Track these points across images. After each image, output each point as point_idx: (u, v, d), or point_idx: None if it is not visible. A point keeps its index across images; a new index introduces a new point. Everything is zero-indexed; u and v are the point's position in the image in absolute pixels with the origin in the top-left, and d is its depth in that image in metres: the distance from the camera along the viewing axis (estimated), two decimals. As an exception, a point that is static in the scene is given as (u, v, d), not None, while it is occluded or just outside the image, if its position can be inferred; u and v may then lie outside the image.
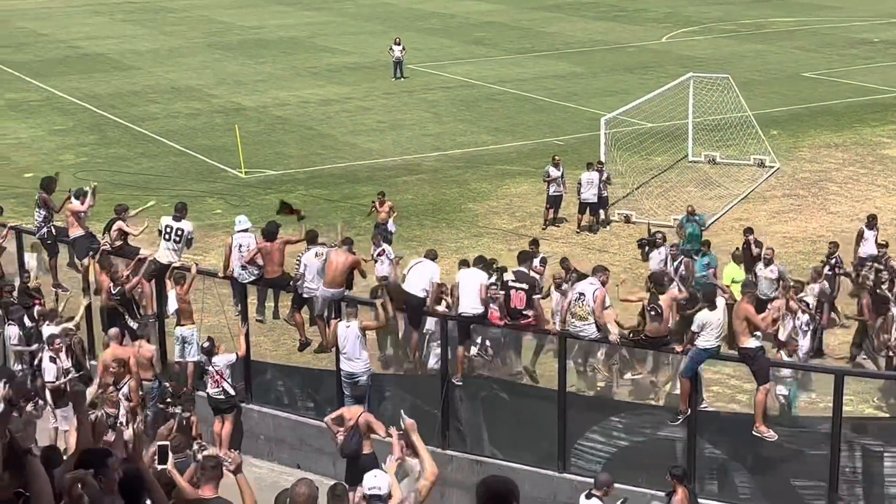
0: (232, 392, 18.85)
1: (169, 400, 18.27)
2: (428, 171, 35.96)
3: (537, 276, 19.93)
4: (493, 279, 18.48)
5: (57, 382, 18.80)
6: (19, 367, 19.99)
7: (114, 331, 19.05)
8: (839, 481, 16.01)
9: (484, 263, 19.04)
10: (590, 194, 29.74)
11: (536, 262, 23.18)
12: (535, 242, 24.56)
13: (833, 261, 23.73)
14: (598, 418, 18.21)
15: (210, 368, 18.74)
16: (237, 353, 19.18)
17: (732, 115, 36.24)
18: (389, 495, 10.11)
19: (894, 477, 16.29)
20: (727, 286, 22.08)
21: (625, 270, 25.17)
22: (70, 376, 18.86)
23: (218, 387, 18.65)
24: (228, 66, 53.84)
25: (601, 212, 30.39)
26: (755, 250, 24.00)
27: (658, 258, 24.10)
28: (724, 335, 16.96)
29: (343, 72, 52.24)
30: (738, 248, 24.17)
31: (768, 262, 23.13)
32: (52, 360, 18.87)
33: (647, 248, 25.87)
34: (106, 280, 19.95)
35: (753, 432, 16.37)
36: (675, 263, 23.63)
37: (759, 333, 16.24)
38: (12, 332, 20.00)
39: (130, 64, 54.84)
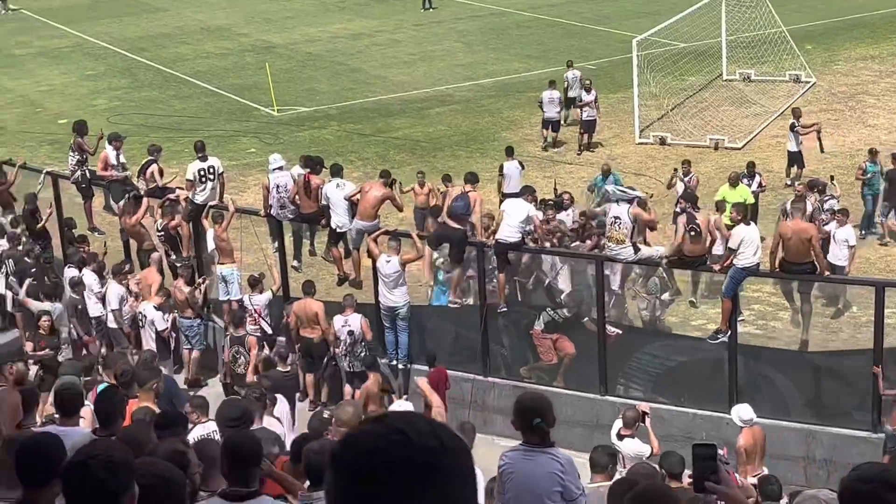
0: (269, 330, 18.93)
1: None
2: (460, 102, 35.77)
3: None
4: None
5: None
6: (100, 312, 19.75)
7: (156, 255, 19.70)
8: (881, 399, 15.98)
9: (532, 194, 18.88)
10: (553, 112, 30.26)
11: None
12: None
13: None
14: (641, 342, 18.27)
15: (249, 306, 18.88)
16: (272, 290, 19.30)
17: (766, 31, 35.74)
18: None
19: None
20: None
21: (661, 194, 24.97)
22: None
23: (255, 324, 18.73)
24: (257, 5, 53.57)
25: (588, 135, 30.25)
26: None
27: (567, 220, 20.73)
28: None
29: (371, 5, 51.88)
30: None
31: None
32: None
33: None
34: (130, 222, 20.14)
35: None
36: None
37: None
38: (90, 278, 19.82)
39: (159, 6, 54.67)
